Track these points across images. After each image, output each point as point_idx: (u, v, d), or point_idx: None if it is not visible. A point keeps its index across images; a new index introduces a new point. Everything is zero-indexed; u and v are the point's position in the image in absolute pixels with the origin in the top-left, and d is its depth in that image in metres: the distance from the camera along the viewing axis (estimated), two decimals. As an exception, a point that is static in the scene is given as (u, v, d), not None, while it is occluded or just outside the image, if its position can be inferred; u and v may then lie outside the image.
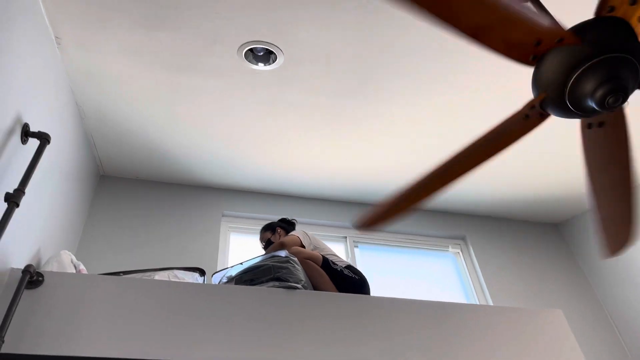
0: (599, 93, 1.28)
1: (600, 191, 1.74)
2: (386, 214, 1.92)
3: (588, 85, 1.31)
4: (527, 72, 1.47)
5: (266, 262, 2.35)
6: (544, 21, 1.31)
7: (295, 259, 2.39)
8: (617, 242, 1.91)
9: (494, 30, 1.32)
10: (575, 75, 1.32)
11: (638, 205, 1.76)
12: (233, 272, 2.42)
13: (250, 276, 2.31)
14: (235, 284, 2.31)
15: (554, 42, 1.34)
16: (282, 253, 2.41)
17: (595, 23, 1.34)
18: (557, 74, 1.36)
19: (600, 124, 1.54)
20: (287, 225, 2.98)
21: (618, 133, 1.56)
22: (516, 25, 1.31)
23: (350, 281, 2.48)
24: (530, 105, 1.49)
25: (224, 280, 2.41)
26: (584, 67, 1.30)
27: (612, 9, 1.30)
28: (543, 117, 1.53)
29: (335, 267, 2.50)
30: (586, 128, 1.57)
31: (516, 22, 1.30)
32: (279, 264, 2.33)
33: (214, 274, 2.55)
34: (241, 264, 2.46)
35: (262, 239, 2.94)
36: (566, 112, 1.44)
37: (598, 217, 1.82)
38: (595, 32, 1.32)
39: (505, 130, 1.61)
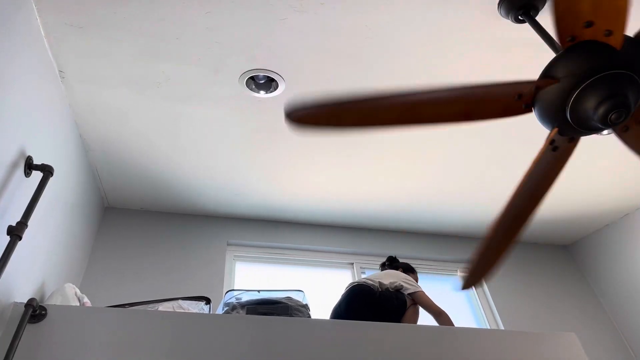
0: (599, 115, 1.29)
1: None
2: (485, 268, 1.93)
3: (587, 112, 1.32)
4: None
5: (285, 302, 2.35)
6: (511, 84, 1.41)
7: (309, 307, 2.43)
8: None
9: (477, 109, 1.47)
10: (568, 107, 1.35)
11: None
12: (245, 297, 2.39)
13: (266, 309, 2.29)
14: (247, 312, 2.29)
15: (532, 91, 1.40)
16: (303, 299, 2.44)
17: (561, 57, 1.37)
18: (553, 111, 1.40)
19: None
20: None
21: None
22: (491, 98, 1.45)
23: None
24: (549, 141, 1.50)
25: (233, 301, 2.38)
26: (572, 99, 1.33)
27: (573, 38, 1.31)
28: (573, 140, 1.53)
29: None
30: (623, 132, 1.54)
31: (488, 94, 1.44)
32: (296, 306, 2.34)
33: (227, 291, 2.52)
34: (258, 291, 2.44)
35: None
36: (587, 132, 1.44)
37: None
38: (565, 65, 1.35)
39: (541, 169, 1.61)
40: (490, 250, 1.86)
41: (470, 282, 1.99)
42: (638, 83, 1.31)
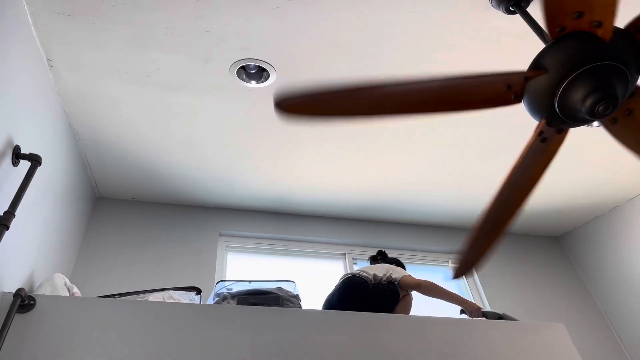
0: (586, 106, 1.30)
1: None
2: (475, 258, 1.95)
3: (575, 103, 1.33)
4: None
5: (276, 292, 2.35)
6: (500, 75, 1.41)
7: (300, 297, 2.42)
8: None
9: (466, 99, 1.47)
10: (557, 98, 1.35)
11: None
12: (236, 288, 2.39)
13: (256, 300, 2.29)
14: (238, 303, 2.29)
15: (521, 81, 1.40)
16: (294, 290, 2.43)
17: (550, 48, 1.37)
18: (541, 102, 1.40)
19: (629, 112, 1.49)
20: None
21: None
22: (480, 87, 1.44)
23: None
24: (538, 132, 1.50)
25: (224, 291, 2.38)
26: (560, 91, 1.34)
27: (563, 28, 1.31)
28: (562, 132, 1.53)
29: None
30: (612, 125, 1.54)
31: (477, 85, 1.43)
32: (287, 297, 2.34)
33: (218, 282, 2.52)
34: (249, 282, 2.44)
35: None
36: (575, 124, 1.44)
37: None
38: (554, 56, 1.35)
39: (530, 160, 1.61)
40: (481, 241, 1.88)
41: (461, 271, 2.00)
42: (626, 75, 1.31)
